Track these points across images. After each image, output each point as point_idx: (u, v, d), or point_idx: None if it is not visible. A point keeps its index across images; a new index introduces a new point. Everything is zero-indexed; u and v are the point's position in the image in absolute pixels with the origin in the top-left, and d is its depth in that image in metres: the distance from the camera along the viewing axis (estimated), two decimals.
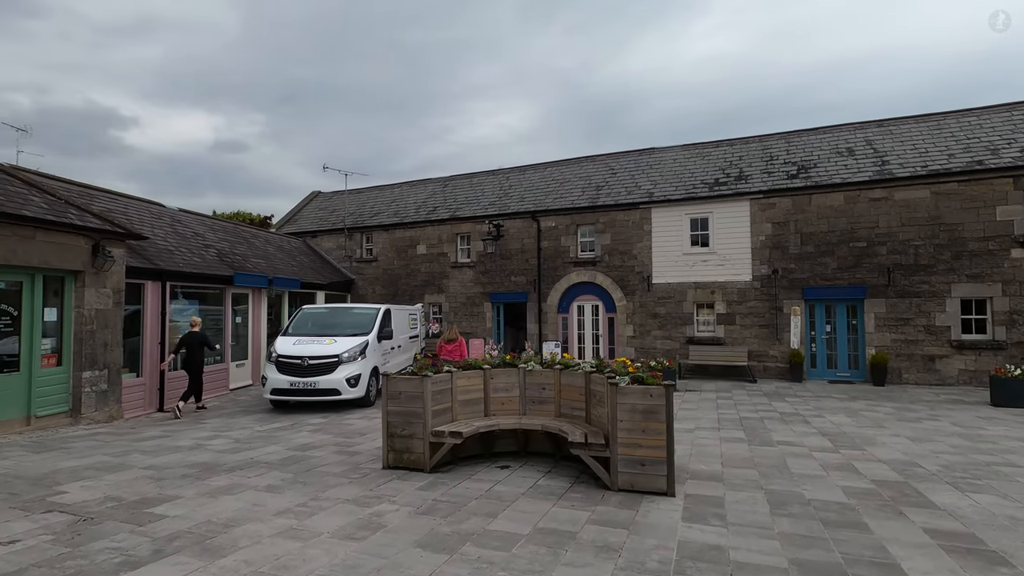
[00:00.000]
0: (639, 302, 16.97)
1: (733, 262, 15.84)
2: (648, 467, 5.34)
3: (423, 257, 20.62)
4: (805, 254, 15.06)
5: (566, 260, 18.10)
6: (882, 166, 14.77)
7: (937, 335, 13.71)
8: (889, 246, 14.22)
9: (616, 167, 19.61)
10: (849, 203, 14.67)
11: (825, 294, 14.80)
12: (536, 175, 21.15)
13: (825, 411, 10.43)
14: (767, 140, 18.01)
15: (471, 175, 23.26)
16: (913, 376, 13.89)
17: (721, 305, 15.95)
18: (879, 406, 11.01)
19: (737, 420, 9.51)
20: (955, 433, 8.31)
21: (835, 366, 14.91)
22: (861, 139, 16.30)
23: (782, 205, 15.36)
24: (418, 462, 6.14)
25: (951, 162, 13.99)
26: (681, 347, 16.34)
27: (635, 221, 17.14)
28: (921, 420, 9.44)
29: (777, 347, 15.25)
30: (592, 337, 17.94)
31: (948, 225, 13.72)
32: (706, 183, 16.72)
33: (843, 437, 8.06)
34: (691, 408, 10.85)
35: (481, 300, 19.45)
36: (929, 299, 13.80)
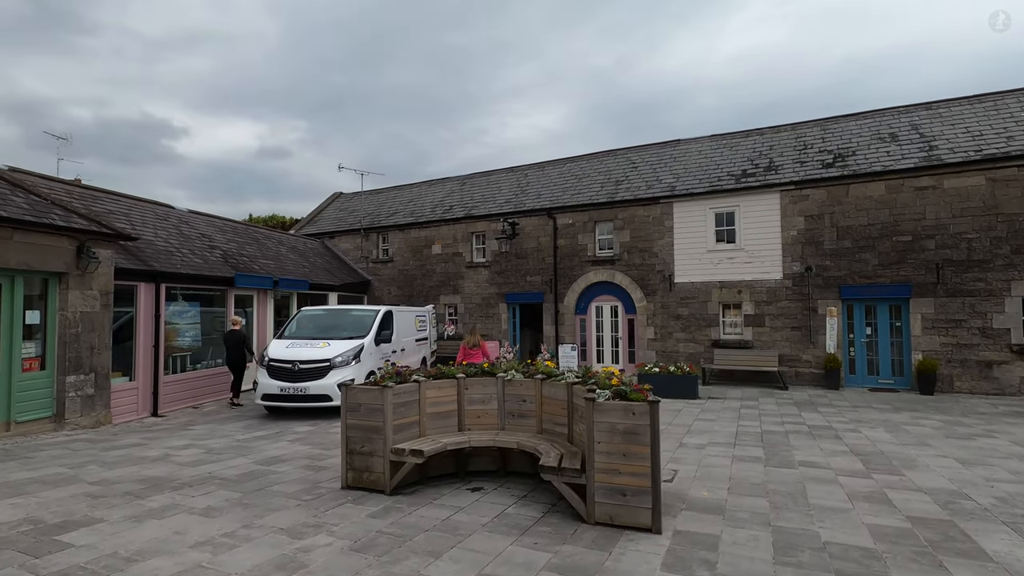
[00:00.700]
0: (660, 303, 15.96)
1: (762, 259, 14.67)
2: (630, 497, 4.53)
3: (438, 257, 20.10)
4: (842, 250, 13.77)
5: (583, 259, 17.24)
6: (929, 152, 13.37)
7: (995, 338, 12.25)
8: (938, 240, 12.82)
9: (637, 161, 18.62)
10: (891, 193, 13.32)
11: (865, 293, 13.49)
12: (555, 171, 20.35)
13: (862, 424, 9.30)
14: (801, 128, 16.71)
15: (488, 173, 22.64)
16: (967, 384, 12.47)
17: (749, 306, 14.80)
18: (926, 419, 9.78)
19: (758, 434, 8.51)
20: (1015, 455, 7.13)
21: (876, 372, 13.58)
22: (906, 123, 14.87)
23: (816, 197, 14.11)
24: (378, 482, 5.49)
25: (1010, 145, 12.51)
26: (705, 351, 15.25)
27: (655, 216, 16.14)
28: (974, 437, 8.24)
29: (811, 351, 14.01)
30: (611, 340, 17.02)
31: (1008, 215, 12.25)
32: (733, 175, 15.59)
33: (878, 458, 7.00)
34: (709, 419, 9.88)
35: (496, 301, 18.77)
36: (985, 298, 12.35)
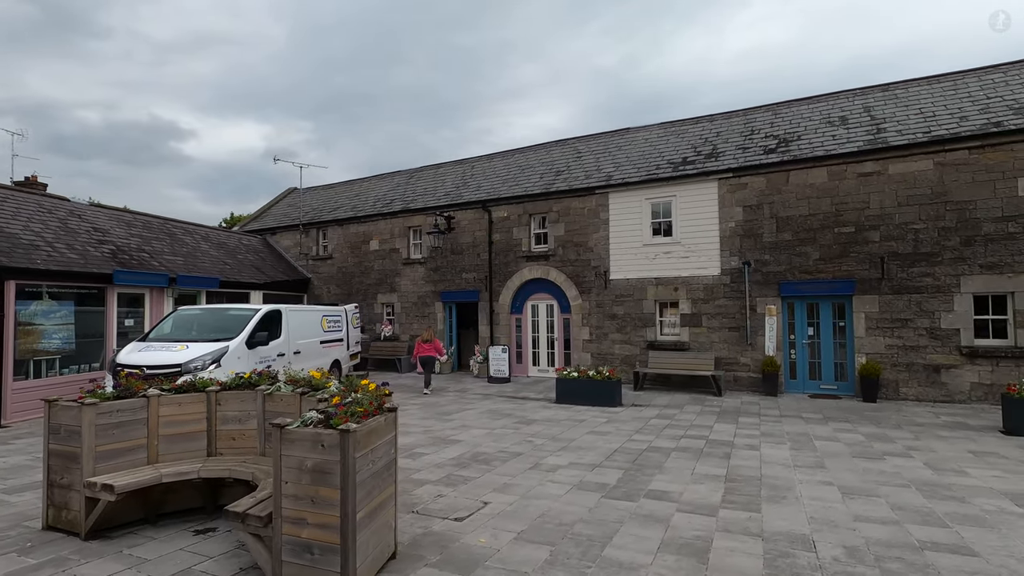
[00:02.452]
0: (595, 301, 14.81)
1: (699, 254, 13.50)
2: (318, 557, 3.41)
3: (376, 253, 19.02)
4: (782, 243, 12.59)
5: (518, 254, 16.11)
6: (876, 135, 12.17)
7: (943, 340, 11.05)
8: (883, 231, 11.62)
9: (583, 150, 17.48)
10: (834, 180, 12.13)
11: (805, 290, 12.30)
12: (501, 163, 19.23)
13: (771, 439, 8.14)
14: (752, 113, 15.54)
15: (437, 166, 21.56)
16: (913, 390, 11.27)
17: (686, 304, 13.63)
18: (849, 432, 8.62)
19: (638, 453, 7.37)
20: (917, 481, 5.97)
21: (819, 377, 12.39)
22: (859, 106, 13.67)
23: (755, 185, 12.93)
24: (75, 523, 4.40)
25: (961, 126, 11.30)
26: (641, 353, 14.11)
27: (591, 208, 14.99)
28: (887, 456, 7.07)
29: (749, 353, 12.83)
30: (547, 341, 15.89)
31: (956, 203, 11.04)
32: (673, 163, 14.42)
33: (748, 485, 5.85)
34: (605, 432, 8.74)
35: (432, 300, 17.67)
36: (933, 295, 11.15)
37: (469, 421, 9.75)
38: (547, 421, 9.72)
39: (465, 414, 10.48)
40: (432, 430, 8.98)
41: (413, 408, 11.17)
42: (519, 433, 8.71)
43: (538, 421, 9.74)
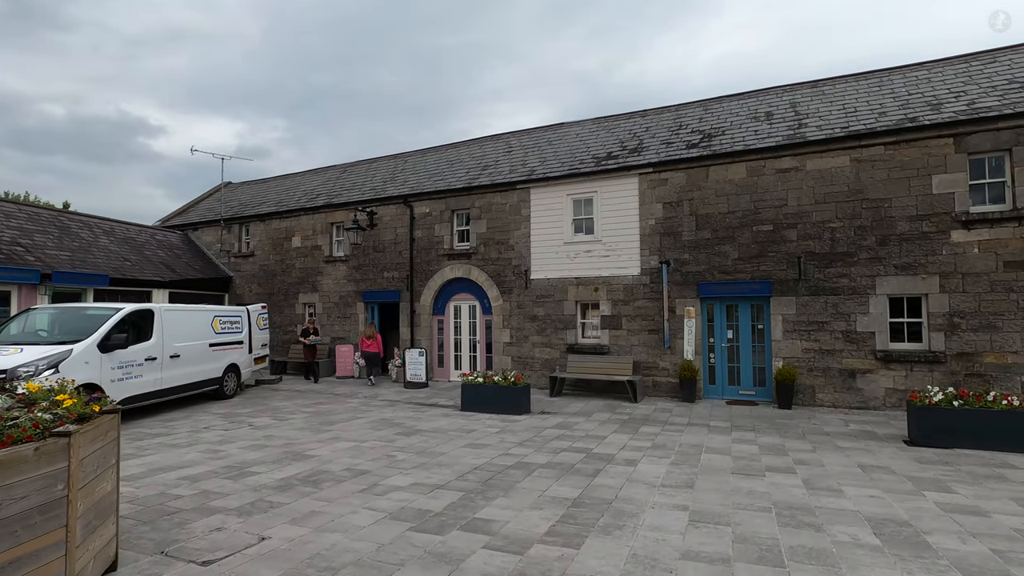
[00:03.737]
0: (516, 302, 14.07)
1: (619, 252, 12.86)
2: None
3: (298, 251, 17.97)
4: (701, 241, 12.02)
5: (440, 252, 15.28)
6: (797, 130, 11.69)
7: (859, 343, 10.59)
8: (800, 230, 11.13)
9: (515, 144, 16.75)
10: (753, 176, 11.61)
11: (724, 291, 11.75)
12: (432, 157, 18.39)
13: (657, 453, 7.47)
14: (684, 109, 15.02)
15: (370, 160, 20.61)
16: (829, 396, 10.78)
17: (606, 305, 12.98)
18: (748, 443, 8.01)
19: (496, 470, 6.59)
20: (784, 503, 5.31)
21: (738, 382, 11.84)
22: (786, 102, 13.22)
23: (675, 181, 12.35)
24: None
25: (879, 121, 10.88)
26: (561, 356, 13.41)
27: (512, 204, 14.25)
28: (768, 473, 6.44)
29: (669, 357, 12.23)
30: (469, 344, 15.08)
31: (873, 201, 10.60)
32: (596, 157, 13.78)
33: (592, 511, 5.11)
34: (484, 445, 7.97)
35: (354, 300, 16.72)
36: (849, 297, 10.69)
37: (345, 433, 8.87)
38: (432, 432, 8.90)
39: (349, 424, 9.59)
40: (294, 443, 8.08)
41: (298, 417, 10.24)
42: (389, 447, 7.87)
43: (423, 432, 8.92)
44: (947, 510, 5.11)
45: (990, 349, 9.63)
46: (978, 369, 9.70)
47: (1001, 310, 9.59)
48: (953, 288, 9.92)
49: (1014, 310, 9.51)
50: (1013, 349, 9.49)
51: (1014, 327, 9.50)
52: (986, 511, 5.07)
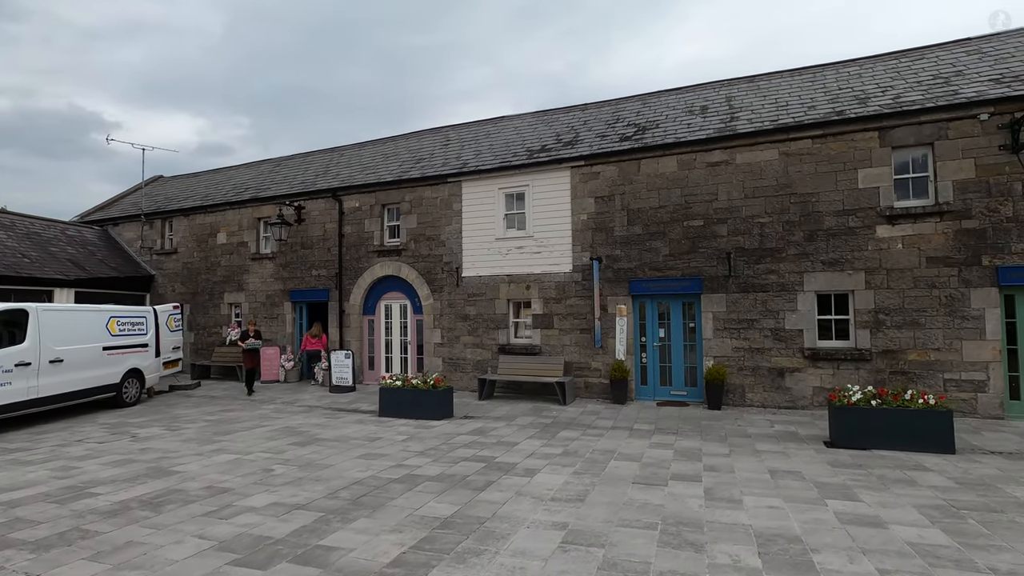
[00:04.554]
0: (447, 301, 13.43)
1: (551, 249, 12.36)
2: None
3: (223, 248, 16.90)
4: (632, 237, 11.61)
5: (370, 249, 14.51)
6: (728, 123, 11.40)
7: (787, 342, 10.33)
8: (730, 225, 10.82)
9: (453, 137, 16.10)
10: (684, 170, 11.26)
11: (656, 288, 11.37)
12: (369, 151, 17.57)
13: (565, 460, 6.95)
14: (623, 103, 14.65)
15: (307, 154, 19.65)
16: (759, 396, 10.49)
17: (538, 304, 12.46)
18: (665, 448, 7.57)
19: (377, 485, 5.95)
20: (675, 517, 4.83)
21: (670, 382, 11.47)
22: (722, 96, 12.96)
23: (607, 174, 11.92)
24: None
25: (808, 115, 10.65)
26: (493, 357, 12.82)
27: (443, 199, 13.61)
28: (672, 482, 5.98)
29: (601, 358, 11.78)
30: (401, 345, 14.36)
31: (801, 196, 10.36)
32: (531, 150, 13.25)
33: (458, 532, 4.53)
34: (379, 456, 7.31)
35: (281, 299, 15.78)
36: (778, 294, 10.42)
37: (234, 444, 8.07)
38: (332, 441, 8.19)
39: (246, 434, 8.79)
40: (167, 457, 7.26)
41: (193, 427, 9.37)
42: (274, 459, 7.13)
43: (322, 441, 8.20)
44: (845, 521, 4.70)
45: (913, 346, 9.48)
46: (902, 367, 9.53)
47: (924, 306, 9.44)
48: (878, 284, 9.74)
49: (936, 306, 9.37)
50: (935, 346, 9.35)
51: (936, 324, 9.36)
52: (885, 522, 4.68)
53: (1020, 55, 10.47)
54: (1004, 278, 8.98)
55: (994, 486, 5.69)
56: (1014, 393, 9.08)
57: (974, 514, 4.85)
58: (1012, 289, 9.06)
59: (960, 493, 5.45)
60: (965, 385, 9.17)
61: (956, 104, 9.34)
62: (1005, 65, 10.23)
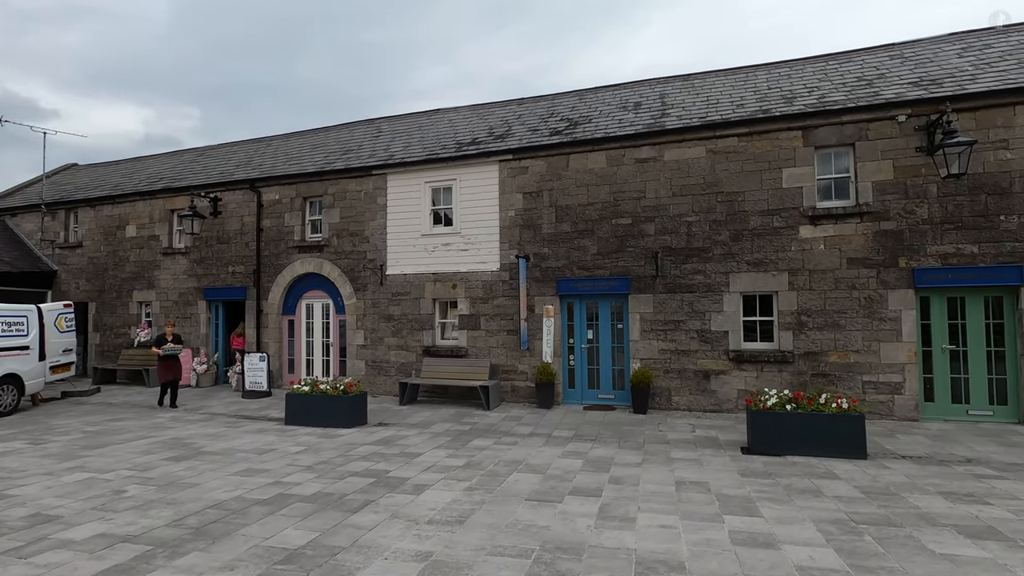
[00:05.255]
0: (371, 300, 12.69)
1: (479, 246, 11.81)
2: None
3: (133, 241, 15.61)
4: (561, 234, 11.19)
5: (290, 244, 13.60)
6: (659, 119, 11.12)
7: (713, 343, 10.10)
8: (658, 223, 10.53)
9: (386, 129, 15.34)
10: (612, 166, 10.91)
11: (584, 288, 10.97)
12: (298, 141, 16.58)
13: (466, 472, 6.39)
14: (560, 98, 14.24)
15: (232, 144, 18.46)
16: (685, 399, 10.23)
17: (464, 304, 11.89)
18: (578, 457, 7.13)
19: (236, 508, 5.25)
20: (550, 541, 4.34)
21: (597, 385, 11.11)
22: (657, 93, 12.70)
23: (536, 169, 11.46)
24: None
25: (736, 113, 10.48)
26: (417, 360, 12.17)
27: (368, 192, 12.86)
28: (566, 499, 5.51)
29: (528, 360, 11.30)
30: (323, 347, 13.52)
31: (727, 195, 10.16)
32: (460, 143, 12.66)
33: (290, 561, 3.90)
34: (261, 471, 6.58)
35: (195, 297, 14.66)
36: (704, 295, 10.19)
37: (99, 460, 7.16)
38: (216, 455, 7.39)
39: (121, 448, 7.86)
40: (10, 476, 6.33)
41: (63, 440, 8.37)
42: (134, 478, 6.30)
43: (205, 455, 7.38)
44: (737, 542, 4.32)
45: (834, 348, 9.38)
46: (823, 369, 9.43)
47: (844, 308, 9.36)
48: (801, 285, 9.62)
49: (856, 308, 9.30)
50: (855, 348, 9.28)
51: (856, 325, 9.29)
52: (778, 541, 4.32)
53: (939, 60, 10.58)
54: (920, 280, 8.97)
55: (898, 495, 5.47)
56: (928, 395, 9.09)
57: (872, 529, 4.56)
58: (927, 291, 9.07)
59: (863, 504, 5.18)
60: (882, 387, 9.13)
61: (876, 105, 9.30)
62: (924, 69, 10.30)
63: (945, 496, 5.42)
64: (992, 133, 8.80)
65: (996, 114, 8.80)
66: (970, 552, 4.11)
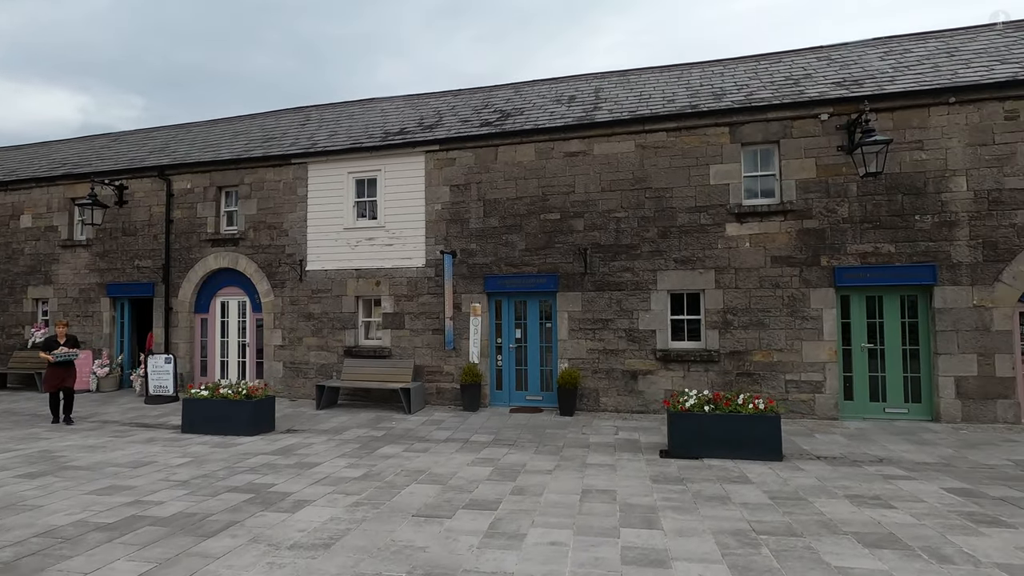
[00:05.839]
0: (290, 297, 11.89)
1: (404, 241, 11.23)
2: None
3: (28, 233, 14.21)
4: (488, 230, 10.75)
5: (203, 237, 12.63)
6: (590, 112, 10.83)
7: (640, 343, 9.87)
8: (587, 219, 10.23)
9: (314, 117, 14.49)
10: (542, 159, 10.55)
11: (512, 285, 10.56)
12: (224, 128, 15.51)
13: (351, 485, 5.83)
14: (496, 90, 13.78)
15: (151, 129, 17.14)
16: (613, 400, 9.96)
17: (388, 301, 11.27)
18: (486, 465, 6.69)
19: (68, 535, 4.53)
20: None
21: (525, 387, 10.72)
22: (593, 87, 12.42)
23: (463, 161, 10.96)
24: None
25: (666, 107, 10.28)
26: (339, 361, 11.47)
27: (287, 182, 12.06)
28: (457, 514, 5.04)
29: (455, 361, 10.80)
30: (239, 347, 12.61)
31: (656, 191, 9.95)
32: (388, 132, 12.03)
33: None
34: (131, 486, 5.81)
35: (98, 294, 13.44)
36: (632, 293, 9.95)
37: None
38: (83, 469, 6.56)
39: None
40: None
41: None
42: None
43: (70, 469, 6.54)
44: (628, 561, 3.95)
45: (758, 347, 9.30)
46: (748, 368, 9.33)
47: (769, 306, 9.29)
48: (727, 284, 9.49)
49: (780, 306, 9.24)
50: (778, 347, 9.21)
51: (779, 324, 9.23)
52: (672, 558, 3.98)
53: (863, 62, 10.70)
54: (840, 279, 8.98)
55: (806, 500, 5.26)
56: (848, 393, 9.11)
57: (772, 540, 4.28)
58: (847, 290, 9.10)
59: (768, 512, 4.93)
60: (804, 386, 9.10)
61: (800, 102, 9.26)
62: (848, 71, 10.39)
63: (852, 500, 5.25)
64: (908, 134, 8.88)
65: (912, 115, 8.89)
66: (866, 564, 3.87)
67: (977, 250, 8.57)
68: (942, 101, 8.76)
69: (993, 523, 4.62)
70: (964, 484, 5.71)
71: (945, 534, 4.39)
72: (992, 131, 8.59)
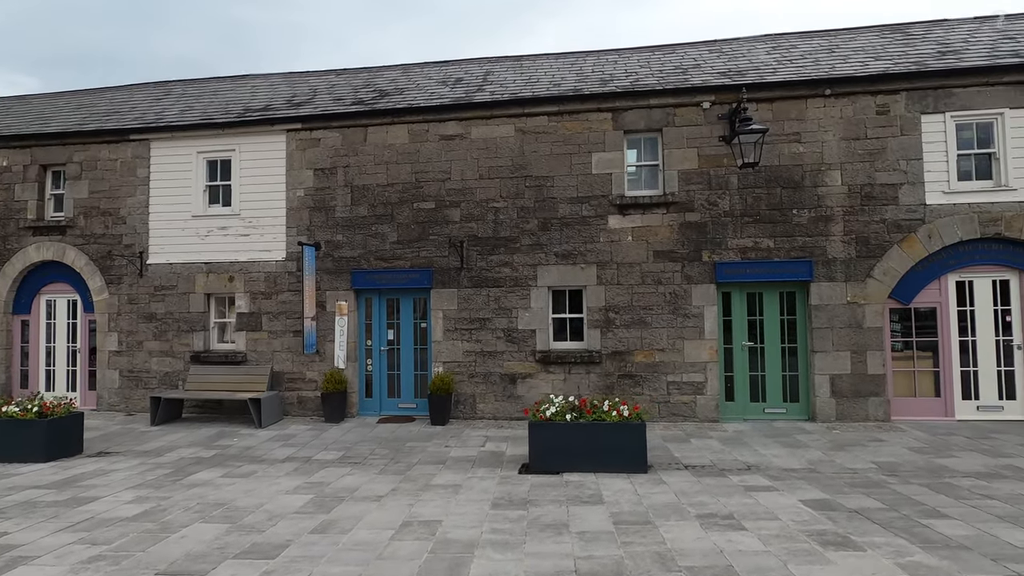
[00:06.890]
0: (128, 295, 10.25)
1: (262, 231, 9.91)
2: None
3: None
4: (357, 219, 9.64)
5: (23, 225, 10.70)
6: (473, 94, 9.96)
7: (519, 344, 9.11)
8: (463, 209, 9.36)
9: (178, 92, 12.73)
10: (415, 142, 9.57)
11: (383, 281, 9.51)
12: (69, 101, 13.37)
13: (79, 537, 4.62)
14: (385, 71, 12.64)
15: (24, 96, 14.61)
16: (490, 406, 9.14)
17: (244, 300, 9.92)
18: (308, 492, 5.63)
19: None
20: None
21: (398, 393, 9.71)
22: (484, 71, 11.56)
23: (329, 142, 9.80)
24: None
25: (549, 90, 9.59)
26: (185, 368, 9.97)
27: (126, 162, 10.40)
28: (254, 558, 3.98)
29: (318, 366, 9.61)
30: (68, 354, 10.78)
31: (536, 179, 9.22)
32: (250, 109, 10.63)
33: None
34: None
35: None
36: (512, 289, 9.17)
37: None
38: None
39: None
40: None
41: None
42: None
43: None
44: None
45: (641, 347, 8.77)
46: (630, 369, 8.78)
47: (651, 304, 8.78)
48: (609, 280, 8.91)
49: (662, 304, 8.76)
50: (660, 347, 8.73)
51: (662, 322, 8.74)
52: None
53: (751, 56, 10.47)
54: (721, 274, 8.60)
55: (653, 524, 4.61)
56: (729, 394, 8.76)
57: None
58: (728, 286, 8.75)
59: (603, 544, 4.21)
60: (686, 388, 8.65)
61: (682, 89, 8.82)
62: (735, 63, 10.11)
63: (703, 521, 4.65)
64: (787, 125, 8.63)
65: (791, 106, 8.65)
66: None
67: (851, 246, 8.42)
68: (818, 93, 8.56)
69: (842, 545, 4.11)
70: (823, 494, 5.28)
71: (788, 563, 3.82)
72: (865, 125, 8.47)
